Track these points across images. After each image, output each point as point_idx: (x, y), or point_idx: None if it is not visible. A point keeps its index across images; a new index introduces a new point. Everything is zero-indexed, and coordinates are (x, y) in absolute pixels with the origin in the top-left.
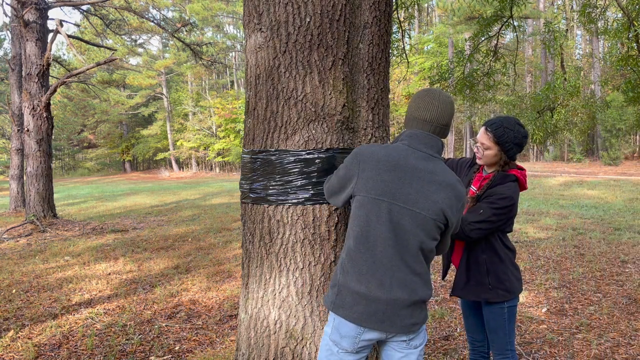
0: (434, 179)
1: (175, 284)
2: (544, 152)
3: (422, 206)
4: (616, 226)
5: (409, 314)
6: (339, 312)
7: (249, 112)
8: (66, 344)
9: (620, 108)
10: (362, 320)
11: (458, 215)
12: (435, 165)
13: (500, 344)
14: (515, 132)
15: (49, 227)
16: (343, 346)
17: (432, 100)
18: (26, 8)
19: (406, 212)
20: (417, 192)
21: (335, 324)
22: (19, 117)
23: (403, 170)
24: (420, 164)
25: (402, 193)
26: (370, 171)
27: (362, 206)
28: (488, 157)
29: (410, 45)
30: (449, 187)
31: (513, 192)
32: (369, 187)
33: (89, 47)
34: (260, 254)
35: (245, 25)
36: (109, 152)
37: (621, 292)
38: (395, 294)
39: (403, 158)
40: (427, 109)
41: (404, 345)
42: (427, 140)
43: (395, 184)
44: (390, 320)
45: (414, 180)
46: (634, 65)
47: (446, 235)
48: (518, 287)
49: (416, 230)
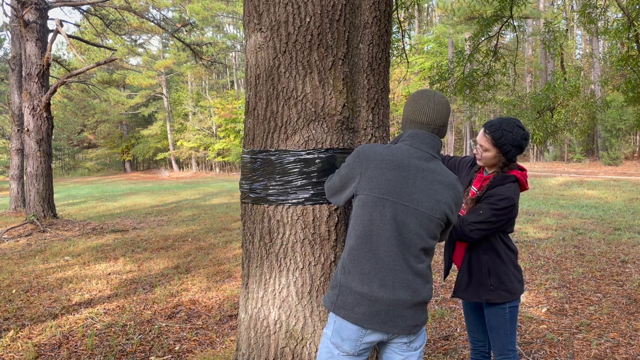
0: (437, 178)
1: (175, 284)
2: (544, 152)
3: (427, 205)
4: (616, 226)
5: (411, 315)
6: (340, 313)
7: (249, 112)
8: (66, 344)
9: (620, 108)
10: (363, 321)
11: (457, 214)
12: (436, 164)
13: (501, 344)
14: (514, 134)
15: (49, 227)
16: (344, 349)
17: (427, 103)
18: (26, 8)
19: (411, 212)
20: (421, 192)
21: (336, 327)
22: (19, 117)
23: (406, 169)
24: (423, 163)
25: (406, 192)
26: (374, 170)
27: (365, 205)
28: (487, 158)
29: (410, 45)
30: (450, 186)
31: (513, 193)
32: (372, 186)
33: (89, 47)
34: (260, 254)
35: (245, 25)
36: (109, 152)
37: (621, 292)
38: (398, 294)
39: (406, 158)
40: (424, 112)
41: (404, 348)
42: (428, 140)
43: (399, 183)
44: (392, 321)
45: (418, 179)
46: (634, 65)
47: (444, 234)
48: (519, 288)
49: (420, 229)
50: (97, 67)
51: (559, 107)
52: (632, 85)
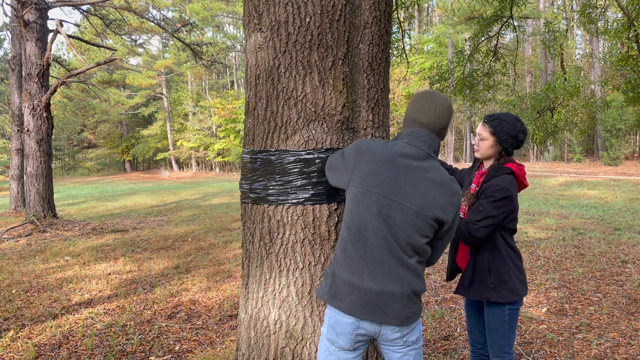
0: (428, 176)
1: (175, 284)
2: (544, 152)
3: (413, 201)
4: (616, 226)
5: (402, 306)
6: (332, 302)
7: (249, 112)
8: (66, 344)
9: (620, 108)
10: (354, 310)
11: (453, 214)
12: (430, 163)
13: (498, 345)
14: (511, 124)
15: (49, 227)
16: (340, 344)
17: (430, 104)
18: (26, 8)
19: (396, 206)
20: (410, 187)
21: (330, 323)
22: (19, 117)
23: (398, 165)
24: (416, 161)
25: (394, 187)
26: (367, 163)
27: (355, 196)
28: (484, 147)
29: (410, 45)
30: (443, 185)
31: (508, 183)
32: (362, 179)
33: (89, 47)
34: (260, 254)
35: (245, 25)
36: (109, 152)
37: (621, 292)
38: (387, 285)
39: (400, 154)
40: (425, 113)
41: (401, 343)
42: (426, 139)
43: (388, 178)
44: (382, 311)
45: (408, 175)
46: (634, 65)
47: (441, 240)
48: (521, 289)
49: (405, 225)
50: (97, 67)
51: (559, 107)
52: (632, 85)
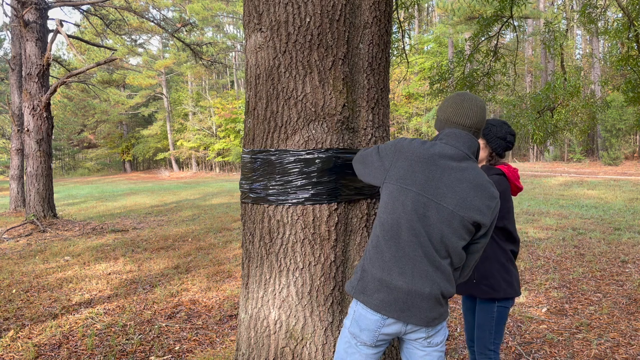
0: (466, 177)
1: (175, 284)
2: (544, 152)
3: (450, 202)
4: (616, 226)
5: (430, 307)
6: (360, 297)
7: (249, 112)
8: (66, 344)
9: (620, 108)
10: (382, 308)
11: (491, 218)
12: (469, 164)
13: (483, 341)
14: (498, 127)
15: (49, 227)
16: (362, 339)
17: (472, 106)
18: (26, 8)
19: (432, 205)
20: (447, 188)
21: (355, 317)
22: (19, 117)
23: (436, 165)
24: (455, 162)
25: (431, 186)
26: (404, 161)
27: (390, 194)
28: None
29: (410, 45)
30: (481, 187)
31: (497, 182)
32: (399, 176)
33: (89, 47)
34: (260, 254)
35: (245, 25)
36: (109, 152)
37: (621, 292)
38: (416, 284)
39: (438, 154)
40: (467, 115)
41: (425, 343)
42: (466, 140)
43: (426, 177)
44: (410, 310)
45: (445, 176)
46: (634, 65)
47: (476, 244)
48: (505, 288)
49: (441, 225)
50: (97, 67)
51: (559, 107)
52: (632, 85)
